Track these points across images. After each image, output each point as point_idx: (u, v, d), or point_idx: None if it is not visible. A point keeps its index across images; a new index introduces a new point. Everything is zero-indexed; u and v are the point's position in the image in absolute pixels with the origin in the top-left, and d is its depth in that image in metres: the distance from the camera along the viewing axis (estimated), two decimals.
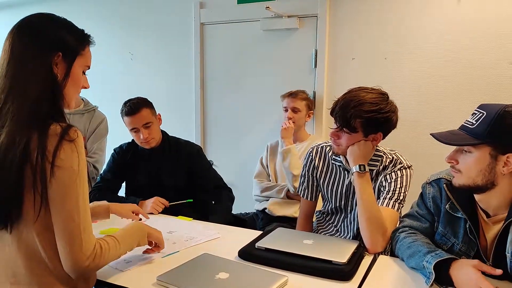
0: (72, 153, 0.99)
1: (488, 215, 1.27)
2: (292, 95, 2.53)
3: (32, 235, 1.02)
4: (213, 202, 2.18)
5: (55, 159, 0.97)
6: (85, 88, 1.15)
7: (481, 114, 1.19)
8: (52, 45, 1.04)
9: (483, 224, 1.29)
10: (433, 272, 1.17)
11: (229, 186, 2.26)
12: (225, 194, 2.18)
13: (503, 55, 2.30)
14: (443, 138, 1.25)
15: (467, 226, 1.29)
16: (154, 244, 1.38)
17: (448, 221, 1.35)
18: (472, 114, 1.24)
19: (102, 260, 1.06)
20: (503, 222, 1.21)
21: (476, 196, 1.28)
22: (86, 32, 1.13)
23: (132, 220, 1.58)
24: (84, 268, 1.02)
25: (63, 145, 0.98)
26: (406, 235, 1.39)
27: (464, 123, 1.26)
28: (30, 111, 0.99)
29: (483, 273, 1.12)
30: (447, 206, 1.35)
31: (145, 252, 1.38)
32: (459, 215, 1.31)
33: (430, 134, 1.31)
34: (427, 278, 1.21)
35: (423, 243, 1.32)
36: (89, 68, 1.14)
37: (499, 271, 1.11)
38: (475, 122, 1.20)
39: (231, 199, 2.20)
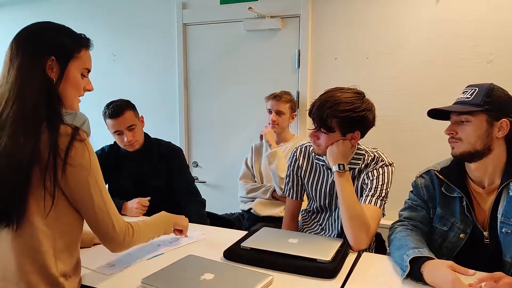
0: (83, 152, 1.05)
1: (483, 187, 1.37)
2: (276, 97, 2.53)
3: (33, 232, 1.03)
4: (183, 205, 2.12)
5: (67, 157, 1.02)
6: (88, 90, 1.19)
7: (474, 89, 1.35)
8: (46, 49, 1.07)
9: (478, 198, 1.38)
10: (409, 266, 1.22)
11: (213, 186, 2.25)
12: (195, 200, 2.14)
13: (481, 54, 2.35)
14: (446, 107, 1.38)
15: (464, 204, 1.37)
16: (180, 230, 1.56)
17: (444, 203, 1.44)
18: (463, 92, 1.38)
19: (136, 237, 1.20)
20: (496, 190, 1.32)
21: (474, 165, 1.37)
22: (84, 36, 1.17)
23: None
24: (122, 244, 1.17)
25: (75, 145, 1.03)
26: (403, 228, 1.44)
27: (459, 99, 1.39)
28: (29, 115, 1.02)
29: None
30: (442, 188, 1.43)
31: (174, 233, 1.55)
32: (454, 195, 1.40)
33: (429, 110, 1.43)
34: (403, 271, 1.24)
35: (413, 239, 1.36)
36: (89, 71, 1.18)
37: (471, 272, 1.15)
38: (470, 96, 1.34)
39: (202, 203, 2.17)
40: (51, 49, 1.07)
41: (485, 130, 1.30)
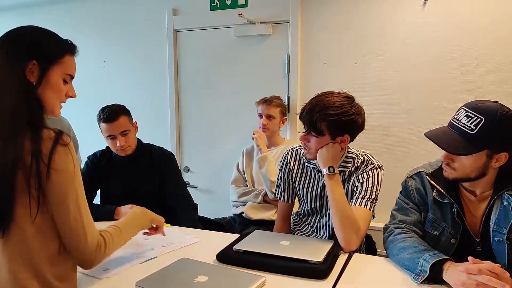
0: (66, 157, 1.03)
1: (475, 195, 1.37)
2: (266, 102, 2.56)
3: (23, 238, 1.02)
4: (175, 210, 2.12)
5: (50, 162, 1.00)
6: (71, 97, 1.16)
7: (479, 119, 1.23)
8: (27, 53, 1.05)
9: (469, 205, 1.39)
10: (428, 271, 1.20)
11: (205, 190, 2.25)
12: (187, 204, 2.14)
13: (466, 58, 2.41)
14: (444, 144, 1.28)
15: (454, 211, 1.38)
16: (156, 228, 1.48)
17: (436, 207, 1.43)
18: (466, 116, 1.27)
19: (107, 251, 1.15)
20: (489, 198, 1.33)
21: (464, 183, 1.37)
22: (70, 42, 1.15)
23: None
24: (91, 261, 1.12)
25: (58, 149, 1.01)
26: (402, 231, 1.44)
27: (459, 124, 1.28)
28: (7, 118, 1.00)
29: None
30: (434, 193, 1.43)
31: (145, 233, 1.47)
32: (446, 201, 1.40)
33: (425, 134, 1.34)
34: (416, 274, 1.24)
35: (419, 241, 1.37)
36: (72, 78, 1.15)
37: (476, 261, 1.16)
38: (474, 128, 1.23)
39: (195, 208, 2.18)
40: (33, 53, 1.05)
41: (483, 163, 1.27)
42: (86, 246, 1.08)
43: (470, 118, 1.25)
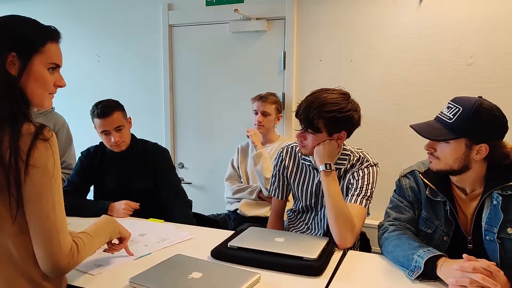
0: (46, 152, 0.98)
1: (465, 193, 1.39)
2: (262, 98, 2.55)
3: (5, 237, 1.00)
4: (170, 206, 2.10)
5: (29, 159, 0.95)
6: (60, 86, 1.10)
7: (457, 109, 1.30)
8: (6, 45, 0.99)
9: (461, 203, 1.41)
10: (422, 267, 1.21)
11: (199, 187, 2.23)
12: (182, 200, 2.12)
13: (460, 57, 2.42)
14: (423, 132, 1.35)
15: (447, 208, 1.39)
16: (119, 241, 1.38)
17: (429, 206, 1.45)
18: (447, 108, 1.34)
19: (79, 258, 1.07)
20: (479, 197, 1.34)
21: (453, 178, 1.40)
22: (54, 28, 1.08)
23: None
24: (63, 267, 1.02)
25: (37, 144, 0.96)
26: (396, 228, 1.45)
27: (441, 115, 1.36)
28: None
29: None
30: (427, 192, 1.45)
31: (107, 251, 1.36)
32: (439, 199, 1.42)
33: (410, 126, 1.40)
34: (410, 271, 1.25)
35: (414, 238, 1.39)
36: (57, 66, 1.09)
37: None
38: (452, 117, 1.30)
39: (189, 204, 2.16)
40: (11, 44, 0.99)
41: (463, 153, 1.30)
42: (60, 249, 1.00)
43: (450, 108, 1.33)
